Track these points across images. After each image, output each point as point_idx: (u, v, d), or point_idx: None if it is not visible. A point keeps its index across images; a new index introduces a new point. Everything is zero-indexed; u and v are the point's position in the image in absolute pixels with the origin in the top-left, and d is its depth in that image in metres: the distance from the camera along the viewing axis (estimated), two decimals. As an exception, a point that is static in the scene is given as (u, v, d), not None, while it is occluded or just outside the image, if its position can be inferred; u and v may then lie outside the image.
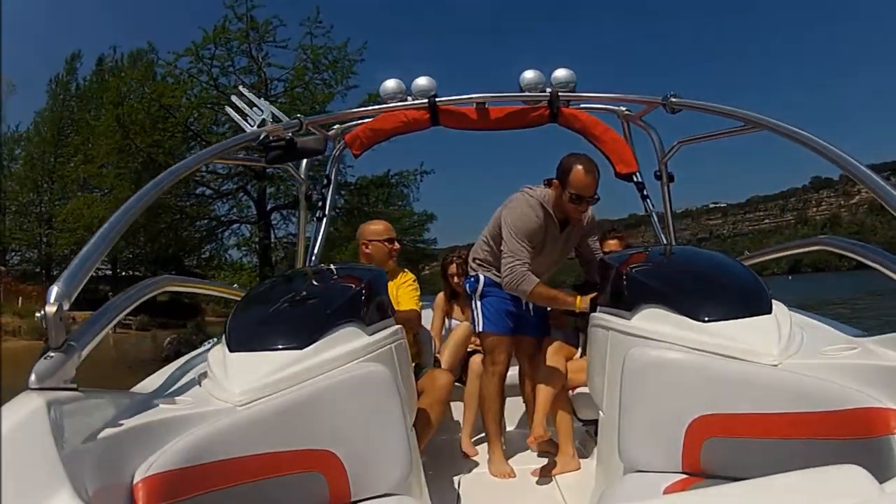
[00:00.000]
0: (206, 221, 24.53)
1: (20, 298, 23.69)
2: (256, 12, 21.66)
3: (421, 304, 3.26)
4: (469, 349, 3.72)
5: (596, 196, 2.83)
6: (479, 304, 3.12)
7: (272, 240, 23.79)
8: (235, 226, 24.69)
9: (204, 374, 1.85)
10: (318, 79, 21.96)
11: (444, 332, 3.85)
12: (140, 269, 29.35)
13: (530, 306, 3.09)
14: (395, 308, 2.88)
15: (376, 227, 3.28)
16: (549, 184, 2.92)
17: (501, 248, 2.88)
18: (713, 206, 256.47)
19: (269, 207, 23.99)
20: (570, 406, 3.12)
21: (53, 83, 37.31)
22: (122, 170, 22.62)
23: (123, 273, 30.51)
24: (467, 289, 3.21)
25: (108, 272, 30.72)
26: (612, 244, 3.46)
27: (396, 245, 3.25)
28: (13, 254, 35.02)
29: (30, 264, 34.60)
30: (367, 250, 3.22)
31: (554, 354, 3.11)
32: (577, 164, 2.78)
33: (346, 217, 23.14)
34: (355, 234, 3.51)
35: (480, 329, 3.12)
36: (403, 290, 3.10)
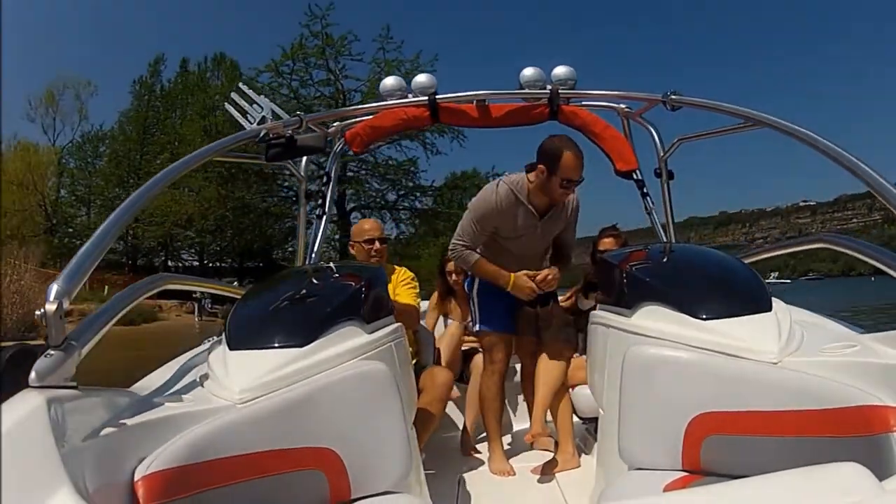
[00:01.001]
0: (290, 220, 27.21)
1: (106, 287, 24.79)
2: (331, 28, 24.37)
3: (420, 301, 3.25)
4: (467, 348, 3.72)
5: (582, 177, 2.82)
6: (476, 302, 3.14)
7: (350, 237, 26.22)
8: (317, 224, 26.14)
9: (204, 372, 1.85)
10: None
11: (438, 331, 3.84)
12: (226, 261, 31.03)
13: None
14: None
15: (360, 228, 3.23)
16: (530, 169, 2.87)
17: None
18: (803, 204, 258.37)
19: (348, 207, 27.50)
20: (570, 404, 3.12)
21: (137, 84, 39.30)
22: (210, 173, 25.25)
23: (210, 264, 32.92)
24: (465, 288, 3.23)
25: (195, 263, 33.42)
26: (608, 242, 3.46)
27: (377, 245, 3.13)
28: None
29: (116, 255, 36.03)
30: (353, 251, 3.21)
31: (553, 353, 3.11)
32: (565, 148, 2.75)
33: (423, 218, 27.20)
34: (432, 233, 3.51)
35: (477, 328, 3.13)
36: (401, 288, 3.09)
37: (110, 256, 35.01)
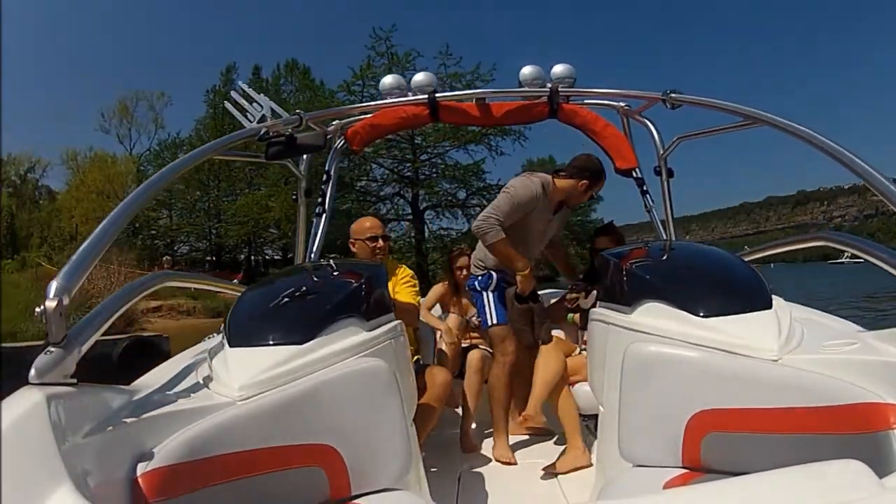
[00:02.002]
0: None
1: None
2: (394, 49, 27.04)
3: (420, 299, 3.25)
4: (466, 344, 3.72)
5: (591, 194, 3.33)
6: (490, 297, 3.27)
7: (425, 234, 30.81)
8: (394, 223, 30.97)
9: (204, 369, 1.85)
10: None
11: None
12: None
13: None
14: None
15: (360, 225, 3.22)
16: (556, 173, 3.27)
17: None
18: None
19: (422, 207, 30.65)
20: (573, 401, 3.12)
21: (211, 93, 41.06)
22: (296, 183, 25.83)
23: (291, 256, 32.96)
24: (476, 285, 3.34)
25: (277, 257, 35.29)
26: (604, 241, 3.45)
27: (380, 242, 3.15)
28: (181, 244, 39.65)
29: (199, 253, 38.92)
30: (354, 248, 3.20)
31: (552, 347, 3.13)
32: (604, 172, 3.34)
33: None
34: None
35: (495, 321, 3.25)
36: (401, 286, 3.09)
37: (195, 255, 38.48)
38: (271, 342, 1.85)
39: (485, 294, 3.29)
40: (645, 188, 3.78)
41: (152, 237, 38.11)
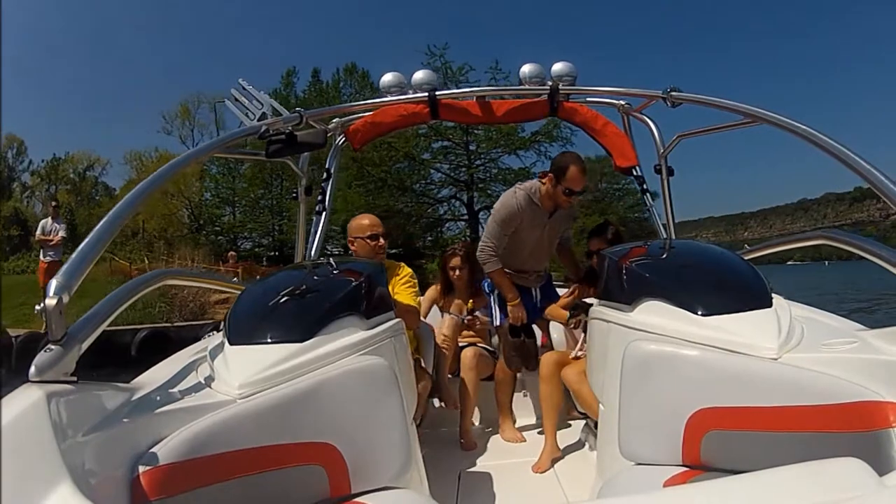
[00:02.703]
0: (426, 220, 33.71)
1: (258, 276, 27.61)
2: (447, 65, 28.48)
3: (419, 299, 3.25)
4: (463, 343, 3.72)
5: (585, 188, 3.26)
6: (498, 300, 3.52)
7: (479, 233, 32.28)
8: (451, 223, 34.46)
9: (204, 368, 1.85)
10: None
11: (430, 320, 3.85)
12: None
13: (537, 297, 3.63)
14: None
15: (360, 223, 3.20)
16: (543, 176, 3.29)
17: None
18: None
19: (476, 208, 32.74)
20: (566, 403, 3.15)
21: (272, 96, 40.66)
22: (359, 188, 30.74)
23: (351, 252, 35.86)
24: (486, 287, 3.62)
25: (338, 250, 36.25)
26: (596, 242, 3.44)
27: (381, 241, 3.15)
28: (244, 240, 40.66)
29: (262, 248, 39.76)
30: (353, 247, 3.20)
31: (551, 375, 3.15)
32: (572, 163, 3.19)
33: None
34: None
35: (498, 322, 3.53)
36: (401, 287, 3.08)
37: (258, 250, 39.26)
38: (272, 340, 1.85)
39: (492, 296, 3.56)
40: (645, 186, 3.78)
41: (216, 233, 39.61)
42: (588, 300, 3.13)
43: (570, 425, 3.50)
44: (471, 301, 3.87)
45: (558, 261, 3.98)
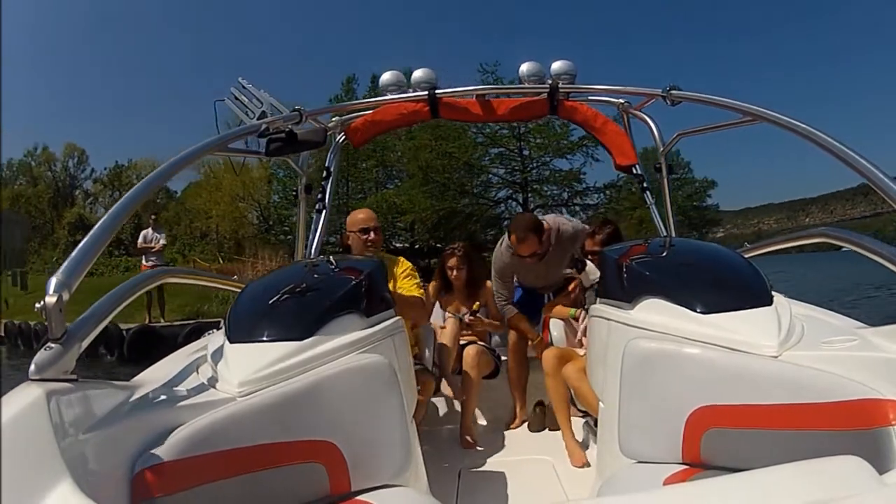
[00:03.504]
0: (486, 219, 36.76)
1: None
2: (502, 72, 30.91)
3: (422, 291, 3.25)
4: (463, 342, 3.73)
5: (536, 253, 3.49)
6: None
7: None
8: (508, 221, 35.48)
9: (204, 365, 1.85)
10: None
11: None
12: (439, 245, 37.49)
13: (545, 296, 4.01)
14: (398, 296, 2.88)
15: (355, 217, 3.22)
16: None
17: None
18: None
19: (531, 208, 35.65)
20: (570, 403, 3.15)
21: (333, 103, 43.54)
22: (424, 192, 34.99)
23: (417, 245, 39.16)
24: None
25: (406, 245, 38.75)
26: (590, 243, 3.44)
27: (373, 235, 3.14)
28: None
29: (330, 246, 39.99)
30: (349, 242, 3.20)
31: (553, 361, 3.16)
32: (512, 232, 3.51)
33: (593, 209, 35.25)
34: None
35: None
36: (403, 280, 3.08)
37: (326, 248, 40.12)
38: (272, 338, 1.85)
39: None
40: (645, 184, 3.77)
41: (284, 233, 40.91)
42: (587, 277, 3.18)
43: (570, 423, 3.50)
44: (476, 303, 3.88)
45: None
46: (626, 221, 35.85)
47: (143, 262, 11.82)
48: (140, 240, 11.89)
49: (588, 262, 3.17)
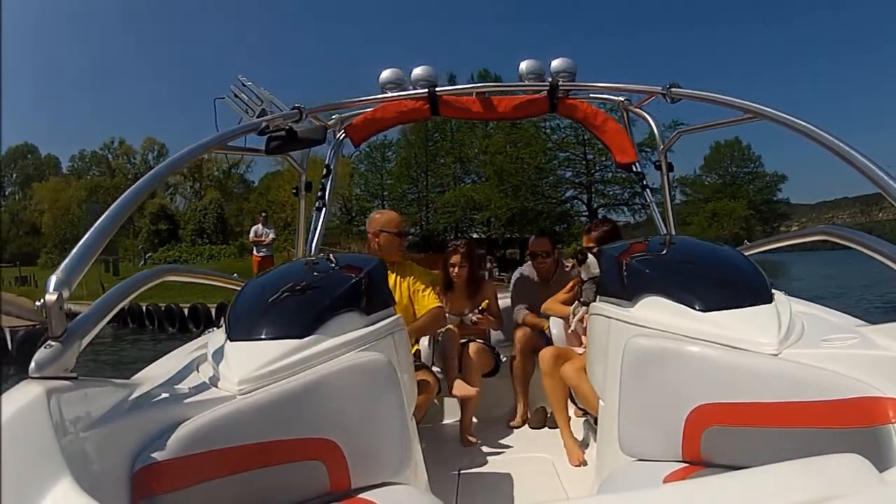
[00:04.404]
0: (554, 216, 41.64)
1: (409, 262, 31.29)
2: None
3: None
4: (462, 340, 3.73)
5: (546, 252, 4.06)
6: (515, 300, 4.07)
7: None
8: (573, 218, 43.26)
9: (204, 363, 1.85)
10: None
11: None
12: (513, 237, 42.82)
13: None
14: (416, 306, 2.89)
15: (390, 217, 3.26)
16: None
17: None
18: None
19: (594, 206, 41.26)
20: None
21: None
22: (500, 192, 40.08)
23: (493, 236, 43.52)
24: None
25: (484, 237, 43.11)
26: (587, 239, 3.44)
27: (406, 238, 3.24)
28: None
29: (410, 237, 45.84)
30: (377, 240, 3.19)
31: (550, 360, 3.17)
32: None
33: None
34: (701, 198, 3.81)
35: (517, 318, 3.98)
36: (422, 294, 3.08)
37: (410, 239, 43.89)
38: (272, 336, 1.85)
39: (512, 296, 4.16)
40: (645, 182, 3.78)
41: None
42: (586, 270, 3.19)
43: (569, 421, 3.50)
44: (485, 301, 3.89)
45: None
46: (699, 215, 42.24)
47: (255, 252, 13.15)
48: (252, 234, 13.30)
49: (590, 256, 3.18)
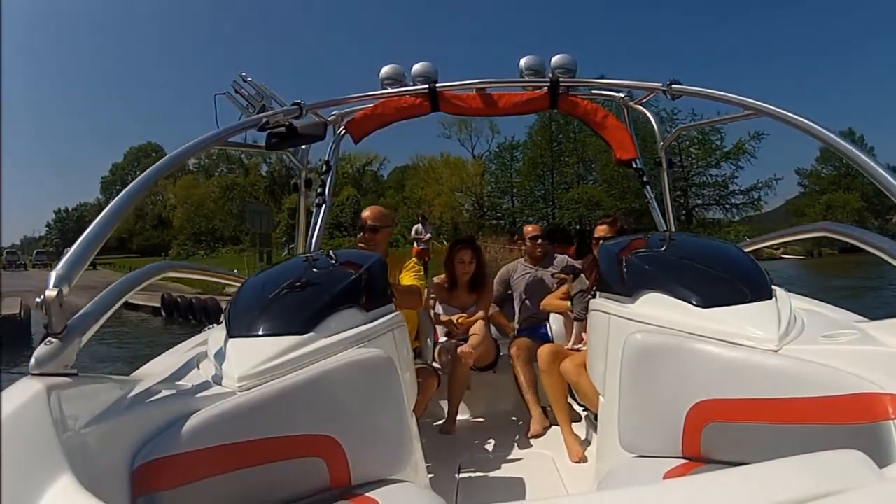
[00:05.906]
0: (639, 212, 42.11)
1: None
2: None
3: (424, 284, 3.28)
4: (455, 340, 3.73)
5: (539, 235, 4.23)
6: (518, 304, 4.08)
7: (693, 223, 43.35)
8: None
9: (204, 360, 1.85)
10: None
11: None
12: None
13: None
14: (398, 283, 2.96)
15: (362, 214, 3.38)
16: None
17: None
18: None
19: (691, 206, 43.57)
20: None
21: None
22: (610, 195, 42.47)
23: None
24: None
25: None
26: (602, 229, 3.45)
27: (366, 234, 3.33)
28: (521, 224, 50.88)
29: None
30: (363, 235, 3.29)
31: (549, 357, 3.18)
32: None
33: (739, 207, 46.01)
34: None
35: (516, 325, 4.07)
36: (406, 272, 3.15)
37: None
38: (272, 333, 1.85)
39: (515, 299, 4.20)
40: (645, 179, 3.77)
41: (497, 218, 50.18)
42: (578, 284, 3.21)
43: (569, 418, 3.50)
44: (474, 305, 3.88)
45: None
46: (814, 206, 44.65)
47: (415, 245, 15.46)
48: (412, 232, 15.99)
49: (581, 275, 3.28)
